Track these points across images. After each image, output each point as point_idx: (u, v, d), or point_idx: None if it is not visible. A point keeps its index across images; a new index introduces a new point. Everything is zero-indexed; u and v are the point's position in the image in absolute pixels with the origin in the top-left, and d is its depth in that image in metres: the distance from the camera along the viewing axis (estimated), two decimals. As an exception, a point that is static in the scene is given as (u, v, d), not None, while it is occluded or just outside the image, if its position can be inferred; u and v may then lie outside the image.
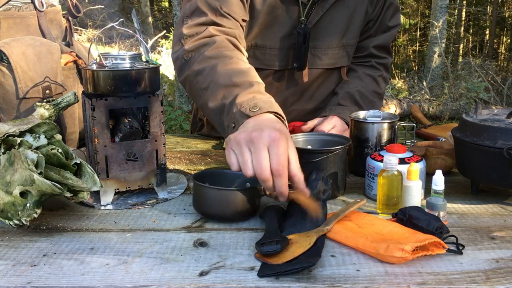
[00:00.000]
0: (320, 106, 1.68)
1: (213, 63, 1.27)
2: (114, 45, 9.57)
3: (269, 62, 1.56)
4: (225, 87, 1.19)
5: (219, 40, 1.33)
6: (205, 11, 1.38)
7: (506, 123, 1.10)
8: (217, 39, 1.33)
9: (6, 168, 0.98)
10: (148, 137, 1.15)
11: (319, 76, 1.64)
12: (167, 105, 6.63)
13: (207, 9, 1.38)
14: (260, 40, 1.53)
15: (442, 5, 8.77)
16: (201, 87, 1.27)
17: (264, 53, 1.55)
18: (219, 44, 1.32)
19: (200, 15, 1.38)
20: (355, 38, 1.63)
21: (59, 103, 1.18)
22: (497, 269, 0.85)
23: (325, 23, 1.55)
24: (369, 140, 1.29)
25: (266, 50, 1.54)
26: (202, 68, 1.28)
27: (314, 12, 1.52)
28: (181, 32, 1.38)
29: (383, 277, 0.82)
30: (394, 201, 1.06)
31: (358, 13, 1.59)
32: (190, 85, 1.33)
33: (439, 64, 8.83)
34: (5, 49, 1.32)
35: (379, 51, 1.69)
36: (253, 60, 1.54)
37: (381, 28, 1.66)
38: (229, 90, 1.18)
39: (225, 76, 1.22)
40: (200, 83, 1.28)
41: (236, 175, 1.14)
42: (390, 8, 1.64)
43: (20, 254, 0.91)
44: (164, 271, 0.84)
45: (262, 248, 0.86)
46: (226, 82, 1.20)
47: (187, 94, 1.67)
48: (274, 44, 1.54)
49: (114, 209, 1.11)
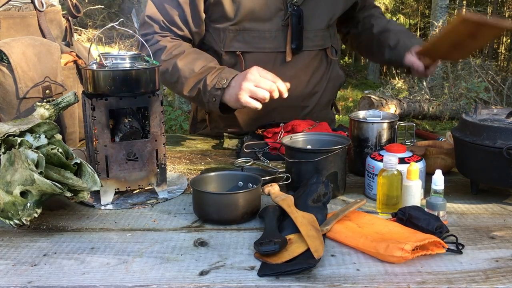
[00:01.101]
0: (316, 90, 1.70)
1: (171, 62, 1.53)
2: (114, 45, 9.57)
3: (259, 45, 1.59)
4: (192, 78, 1.51)
5: (168, 46, 1.56)
6: (151, 23, 1.60)
7: (506, 123, 1.10)
8: (166, 43, 1.57)
9: (6, 168, 0.98)
10: (148, 137, 1.15)
11: (312, 58, 1.67)
12: (167, 105, 6.62)
13: (151, 21, 1.60)
14: (248, 24, 1.57)
15: (442, 5, 8.78)
16: (170, 82, 1.57)
17: (253, 37, 1.58)
18: (168, 49, 1.56)
19: (148, 27, 1.61)
20: (336, 18, 1.72)
21: (59, 103, 1.18)
22: (497, 269, 0.85)
23: (311, 5, 1.59)
24: (369, 140, 1.29)
25: (255, 33, 1.57)
26: (165, 69, 1.54)
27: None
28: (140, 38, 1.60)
29: (383, 276, 0.82)
30: (394, 201, 1.06)
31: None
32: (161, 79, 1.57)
33: (439, 64, 8.82)
34: (5, 49, 1.32)
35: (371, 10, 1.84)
36: (243, 45, 1.59)
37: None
38: (196, 79, 1.50)
39: (187, 70, 1.52)
40: (169, 79, 1.56)
41: (234, 174, 1.15)
42: None
43: (20, 254, 0.91)
44: (165, 270, 0.85)
45: (261, 248, 0.86)
46: (190, 74, 1.51)
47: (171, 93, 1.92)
48: (262, 27, 1.57)
49: (114, 209, 1.11)
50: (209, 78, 1.48)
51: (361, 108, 5.31)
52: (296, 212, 0.97)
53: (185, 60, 1.54)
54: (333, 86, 1.78)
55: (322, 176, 1.10)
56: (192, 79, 1.51)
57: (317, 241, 0.88)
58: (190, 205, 1.12)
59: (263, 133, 1.54)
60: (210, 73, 1.49)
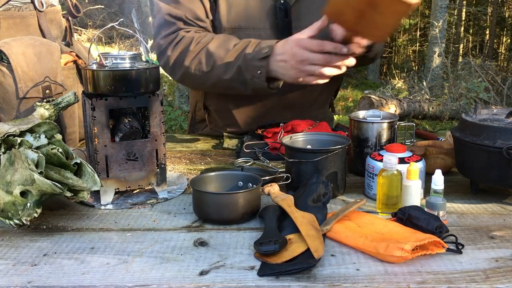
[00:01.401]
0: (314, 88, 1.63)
1: (203, 50, 1.47)
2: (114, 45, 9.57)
3: None
4: (229, 56, 1.43)
5: (195, 36, 1.50)
6: (172, 21, 1.54)
7: (506, 123, 1.10)
8: (193, 35, 1.51)
9: (6, 168, 0.98)
10: (148, 137, 1.15)
11: None
12: (167, 105, 6.63)
13: (174, 19, 1.54)
14: (243, 22, 1.56)
15: (442, 5, 8.78)
16: (204, 72, 1.48)
17: (248, 35, 1.55)
18: (196, 39, 1.50)
19: (169, 25, 1.55)
20: None
21: (59, 103, 1.18)
22: (497, 268, 0.85)
23: (307, 1, 1.56)
24: (369, 139, 1.29)
25: (249, 31, 1.56)
26: (197, 59, 1.47)
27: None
28: (159, 43, 1.57)
29: (383, 276, 0.82)
30: (394, 201, 1.06)
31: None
32: (190, 77, 1.52)
33: (439, 64, 8.83)
34: (5, 49, 1.32)
35: None
36: None
37: None
38: (234, 56, 1.42)
39: (221, 51, 1.44)
40: (202, 70, 1.48)
41: (234, 174, 1.15)
42: None
43: (20, 254, 0.91)
44: (165, 270, 0.85)
45: (261, 247, 0.86)
46: (226, 54, 1.43)
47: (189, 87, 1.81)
48: (256, 24, 1.56)
49: (114, 208, 1.12)
50: (248, 51, 1.41)
51: (361, 108, 5.31)
52: (296, 212, 0.97)
53: (217, 43, 1.47)
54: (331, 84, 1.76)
55: (322, 176, 1.10)
56: (229, 58, 1.44)
57: (317, 241, 0.88)
58: (190, 205, 1.12)
59: (263, 133, 1.55)
60: (248, 46, 1.42)
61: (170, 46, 1.52)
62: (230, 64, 1.43)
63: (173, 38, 1.52)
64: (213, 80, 1.49)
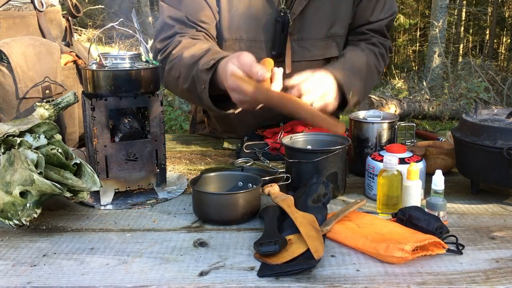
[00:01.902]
0: None
1: (178, 55, 1.42)
2: (114, 45, 9.57)
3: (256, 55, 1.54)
4: (191, 65, 1.36)
5: (184, 41, 1.46)
6: (172, 24, 1.50)
7: (506, 123, 1.10)
8: (182, 39, 1.47)
9: (6, 168, 0.98)
10: (148, 137, 1.15)
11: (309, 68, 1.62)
12: (167, 105, 6.62)
13: (174, 22, 1.50)
14: (244, 33, 1.53)
15: (442, 5, 8.78)
16: (174, 77, 1.44)
17: (249, 46, 1.54)
18: (183, 43, 1.45)
19: (168, 29, 1.50)
20: (344, 28, 1.61)
21: (59, 103, 1.18)
22: (497, 269, 0.85)
23: (310, 13, 1.53)
24: (369, 140, 1.29)
25: (251, 42, 1.54)
26: (172, 64, 1.44)
27: (297, 2, 1.50)
28: (155, 46, 1.57)
29: (383, 277, 0.82)
30: (394, 201, 1.06)
31: (345, 2, 1.56)
32: (168, 82, 1.50)
33: (439, 64, 8.83)
34: (5, 49, 1.32)
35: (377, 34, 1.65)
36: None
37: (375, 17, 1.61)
38: (193, 65, 1.35)
39: (189, 58, 1.37)
40: (173, 75, 1.44)
41: (234, 174, 1.15)
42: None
43: (20, 254, 0.91)
44: (164, 271, 0.84)
45: (261, 248, 0.86)
46: (189, 61, 1.36)
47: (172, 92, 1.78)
48: (258, 37, 1.53)
49: (114, 209, 1.11)
50: (202, 61, 1.32)
51: (361, 108, 5.31)
52: (296, 213, 0.97)
53: (193, 50, 1.39)
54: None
55: (322, 176, 1.10)
56: (189, 66, 1.36)
57: (317, 241, 0.88)
58: (190, 205, 1.12)
59: (263, 133, 1.54)
60: (206, 55, 1.33)
61: (162, 50, 1.50)
62: (189, 73, 1.37)
63: (168, 43, 1.49)
64: (180, 88, 1.44)
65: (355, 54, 1.57)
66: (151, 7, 11.71)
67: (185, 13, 1.49)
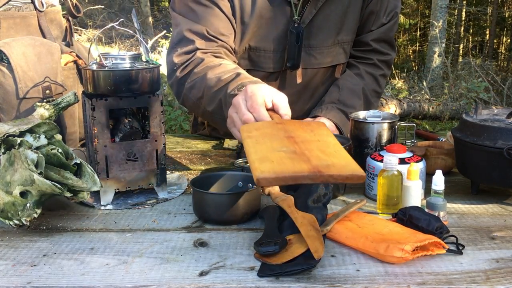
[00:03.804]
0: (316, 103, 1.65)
1: (202, 74, 1.37)
2: (114, 45, 9.57)
3: (264, 65, 1.54)
4: (217, 87, 1.30)
5: (206, 59, 1.41)
6: (192, 38, 1.45)
7: (506, 123, 1.10)
8: (205, 56, 1.42)
9: (6, 168, 0.98)
10: (148, 137, 1.15)
11: (316, 75, 1.62)
12: (167, 105, 6.62)
13: (194, 36, 1.45)
14: (254, 43, 1.52)
15: (442, 5, 8.78)
16: (196, 97, 1.40)
17: (259, 56, 1.53)
18: (206, 61, 1.40)
19: (187, 43, 1.45)
20: (351, 35, 1.61)
21: (59, 103, 1.18)
22: (497, 269, 0.85)
23: (319, 21, 1.53)
24: (369, 140, 1.29)
25: (260, 52, 1.53)
26: (193, 82, 1.39)
27: (307, 11, 1.49)
28: (172, 61, 1.47)
29: (383, 277, 0.82)
30: (394, 201, 1.06)
31: (353, 7, 1.56)
32: (187, 100, 1.45)
33: (439, 64, 8.83)
34: (5, 49, 1.32)
35: (381, 45, 1.65)
36: (248, 62, 1.54)
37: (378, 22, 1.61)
38: (221, 88, 1.29)
39: (214, 79, 1.32)
40: (195, 94, 1.40)
41: (234, 175, 1.14)
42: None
43: (20, 254, 0.91)
44: (164, 271, 0.84)
45: (261, 248, 0.86)
46: (216, 83, 1.31)
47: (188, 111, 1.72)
48: (268, 46, 1.52)
49: (114, 209, 1.11)
50: (231, 85, 1.26)
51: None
52: (296, 213, 0.97)
53: (217, 70, 1.35)
54: None
55: (322, 176, 1.10)
56: (216, 87, 1.31)
57: (317, 241, 0.88)
58: (190, 205, 1.12)
59: (263, 133, 1.54)
60: (235, 79, 1.28)
61: (181, 66, 1.44)
62: (215, 95, 1.32)
63: (188, 59, 1.44)
64: (202, 108, 1.40)
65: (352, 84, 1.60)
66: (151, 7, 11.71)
67: (205, 26, 1.45)
